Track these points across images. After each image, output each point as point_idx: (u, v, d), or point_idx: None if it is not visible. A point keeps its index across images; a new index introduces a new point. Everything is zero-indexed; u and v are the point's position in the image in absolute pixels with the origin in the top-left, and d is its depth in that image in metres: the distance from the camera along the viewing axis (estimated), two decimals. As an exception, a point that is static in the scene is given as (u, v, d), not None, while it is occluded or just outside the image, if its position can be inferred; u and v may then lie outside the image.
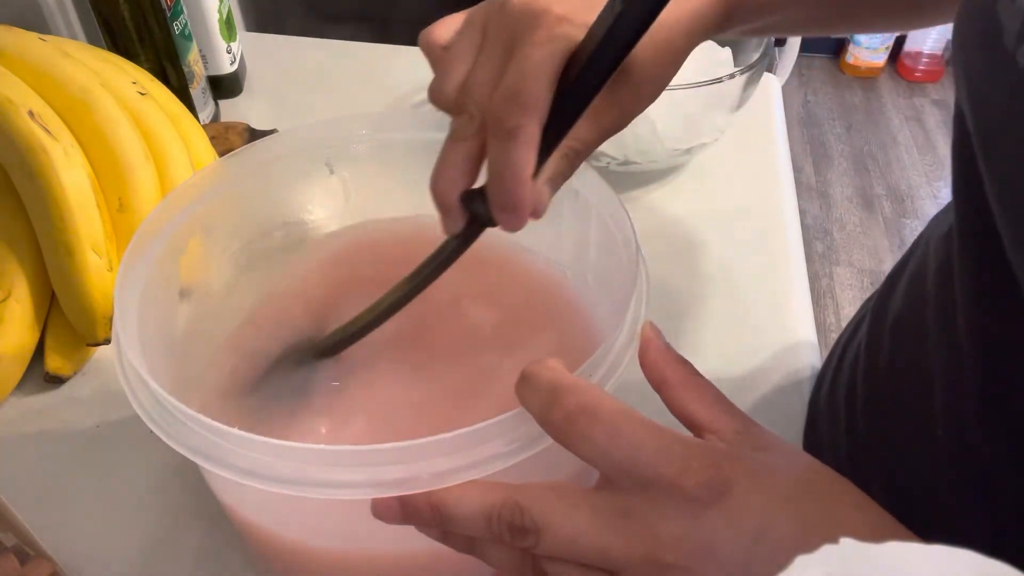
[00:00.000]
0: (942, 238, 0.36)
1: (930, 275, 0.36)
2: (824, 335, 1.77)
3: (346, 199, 0.45)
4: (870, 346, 0.42)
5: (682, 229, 0.60)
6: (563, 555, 0.25)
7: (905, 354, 0.38)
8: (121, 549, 0.41)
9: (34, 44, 0.50)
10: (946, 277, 0.34)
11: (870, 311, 0.45)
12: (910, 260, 0.42)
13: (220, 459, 0.27)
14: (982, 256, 0.30)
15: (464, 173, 0.31)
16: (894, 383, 0.39)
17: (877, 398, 0.40)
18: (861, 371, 0.42)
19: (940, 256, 0.36)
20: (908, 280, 0.40)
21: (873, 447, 0.40)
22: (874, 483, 0.37)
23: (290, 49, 0.83)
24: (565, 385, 0.26)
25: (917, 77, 2.54)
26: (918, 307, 0.37)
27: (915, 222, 2.06)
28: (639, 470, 0.25)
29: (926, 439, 0.34)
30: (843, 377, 0.45)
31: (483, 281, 0.44)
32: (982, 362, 0.31)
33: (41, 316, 0.49)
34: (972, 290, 0.31)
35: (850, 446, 0.42)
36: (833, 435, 0.44)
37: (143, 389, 0.30)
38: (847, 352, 0.46)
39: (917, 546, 0.16)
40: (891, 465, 0.37)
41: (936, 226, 0.40)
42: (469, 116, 0.30)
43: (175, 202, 0.37)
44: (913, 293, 0.39)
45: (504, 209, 0.30)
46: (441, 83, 0.31)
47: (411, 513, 0.27)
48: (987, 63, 0.27)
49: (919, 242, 0.43)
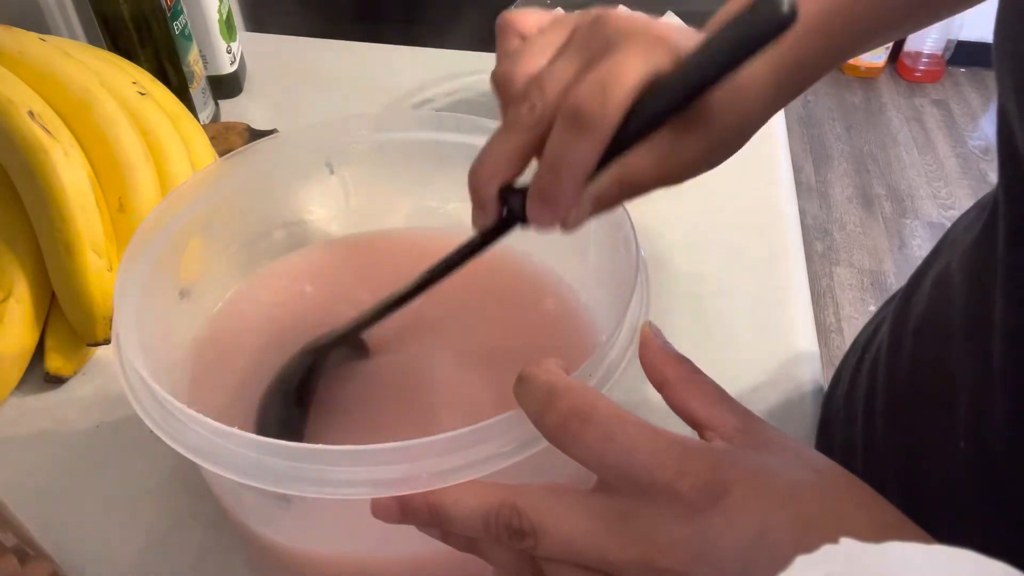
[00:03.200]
0: (972, 242, 0.35)
1: (956, 279, 0.36)
2: (824, 335, 1.77)
3: (346, 199, 0.45)
4: (891, 349, 0.42)
5: (682, 229, 0.60)
6: (560, 557, 0.25)
7: (928, 358, 0.38)
8: (121, 549, 0.41)
9: (34, 44, 0.50)
10: (978, 282, 0.33)
11: (891, 314, 0.45)
12: (934, 263, 0.41)
13: (219, 458, 0.27)
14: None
15: (510, 165, 0.30)
16: (915, 387, 0.38)
17: (897, 402, 0.40)
18: (881, 374, 0.42)
19: (971, 261, 0.35)
20: (932, 283, 0.40)
21: (891, 450, 0.39)
22: (890, 486, 0.37)
23: (290, 49, 0.83)
24: (560, 387, 0.26)
25: (917, 77, 2.54)
26: (943, 311, 0.36)
27: (915, 222, 2.06)
28: (634, 474, 0.24)
29: (947, 445, 0.34)
30: (862, 379, 0.44)
31: (482, 281, 0.44)
32: (1016, 368, 0.30)
33: (41, 316, 0.49)
34: (1016, 298, 0.30)
35: (866, 449, 0.41)
36: (847, 437, 0.43)
37: (143, 389, 0.30)
38: (866, 354, 0.46)
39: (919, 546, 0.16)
40: (909, 468, 0.37)
41: (962, 228, 0.39)
42: (531, 106, 0.28)
43: (175, 202, 0.37)
44: (938, 297, 0.38)
45: (545, 200, 0.28)
46: (511, 69, 0.30)
47: (409, 513, 0.27)
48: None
49: (942, 245, 0.42)
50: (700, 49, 0.26)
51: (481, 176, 0.30)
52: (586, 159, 0.27)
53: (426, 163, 0.44)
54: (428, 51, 0.81)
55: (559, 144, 0.27)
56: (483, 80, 0.76)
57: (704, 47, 0.26)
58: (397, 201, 0.45)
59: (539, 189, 0.29)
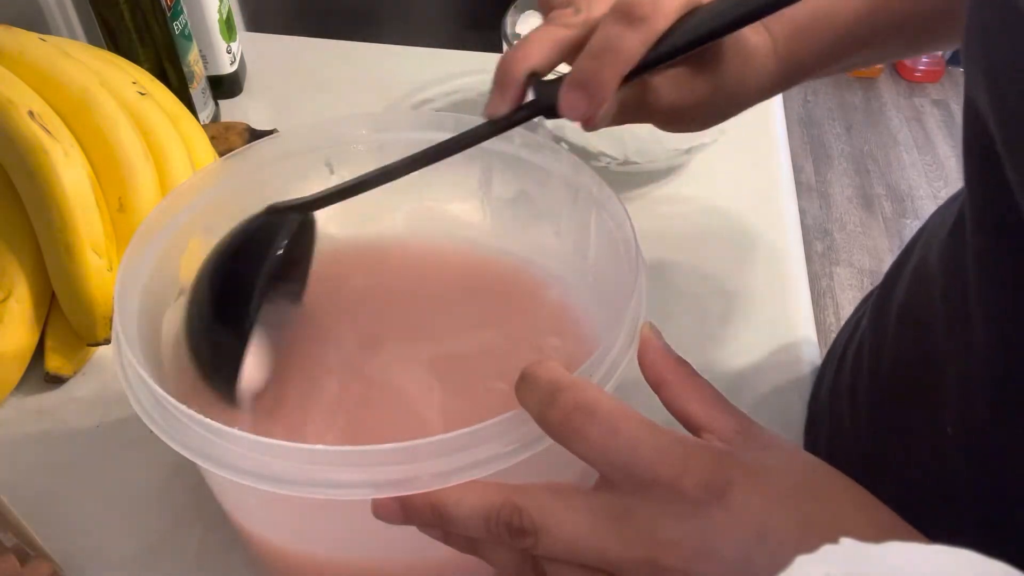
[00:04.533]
0: (948, 234, 0.36)
1: (935, 269, 0.36)
2: (824, 335, 1.77)
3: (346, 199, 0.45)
4: (873, 342, 0.42)
5: (682, 229, 0.60)
6: (562, 556, 0.25)
7: (910, 348, 0.38)
8: (121, 549, 0.41)
9: (34, 44, 0.50)
10: (956, 271, 0.34)
11: (870, 308, 0.45)
12: (911, 256, 0.42)
13: (220, 459, 0.27)
14: (999, 248, 0.30)
15: (543, 54, 0.30)
16: (899, 378, 0.39)
17: (882, 393, 0.40)
18: (865, 368, 0.42)
19: (947, 251, 0.36)
20: (911, 275, 0.40)
21: (878, 442, 0.39)
22: (881, 477, 0.37)
23: (290, 49, 0.83)
24: (563, 384, 0.26)
25: (917, 77, 2.54)
26: (923, 303, 0.37)
27: (915, 222, 2.06)
28: (637, 470, 0.25)
29: (934, 432, 0.34)
30: (845, 375, 0.45)
31: (482, 282, 0.44)
32: (997, 352, 0.30)
33: (41, 316, 0.49)
34: (989, 282, 0.31)
35: (853, 444, 0.41)
36: (834, 434, 0.44)
37: (143, 389, 0.30)
38: (847, 350, 0.46)
39: (918, 546, 0.16)
40: (899, 459, 0.37)
41: (937, 222, 0.39)
42: (576, 9, 0.30)
43: (175, 202, 0.37)
44: (917, 288, 0.39)
45: (583, 86, 0.29)
46: None
47: (411, 513, 0.27)
48: (1012, 46, 0.27)
49: (918, 239, 0.43)
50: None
51: (514, 58, 0.30)
52: (632, 51, 0.28)
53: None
54: (428, 51, 0.81)
55: (608, 34, 0.28)
56: (483, 80, 0.76)
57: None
58: (397, 201, 0.45)
59: (580, 74, 0.29)
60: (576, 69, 0.29)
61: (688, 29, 0.30)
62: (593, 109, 0.29)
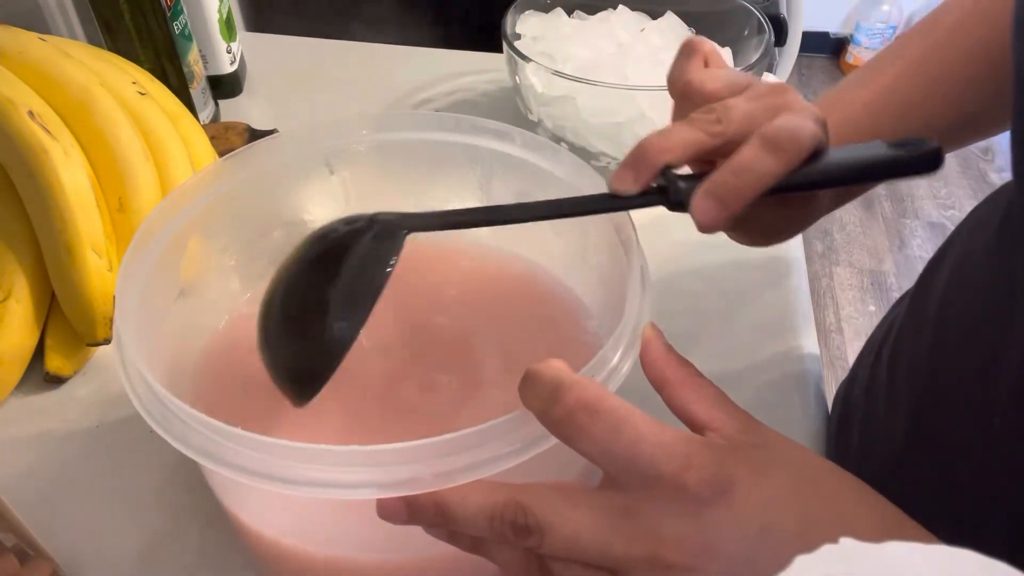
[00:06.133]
0: (997, 226, 0.37)
1: (979, 260, 0.37)
2: (824, 335, 1.77)
3: (346, 199, 0.45)
4: (912, 337, 0.43)
5: (683, 229, 0.60)
6: (566, 554, 0.25)
7: (953, 339, 0.39)
8: (121, 549, 0.41)
9: (34, 44, 0.50)
10: (1002, 263, 0.35)
11: (906, 307, 0.46)
12: (947, 254, 0.43)
13: (222, 458, 0.27)
14: None
15: (681, 150, 0.31)
16: (941, 372, 0.39)
17: (923, 386, 0.40)
18: (903, 366, 0.43)
19: (994, 242, 0.37)
20: (951, 270, 0.41)
21: (918, 439, 0.40)
22: (920, 475, 0.37)
23: (290, 49, 0.83)
24: (567, 382, 0.26)
25: (917, 77, 2.54)
26: (967, 293, 0.38)
27: (915, 222, 2.06)
28: (640, 467, 0.25)
29: (980, 424, 0.34)
30: (881, 371, 0.45)
31: (483, 283, 0.44)
32: None
33: (41, 316, 0.49)
34: None
35: (890, 441, 0.42)
36: (868, 432, 0.44)
37: (145, 388, 0.30)
38: (883, 349, 0.47)
39: (919, 546, 0.16)
40: (942, 458, 0.37)
41: (982, 215, 0.40)
42: (717, 119, 0.31)
43: (175, 202, 0.37)
44: (959, 282, 0.40)
45: (717, 196, 0.30)
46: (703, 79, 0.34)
47: (416, 513, 0.27)
48: None
49: (953, 239, 0.44)
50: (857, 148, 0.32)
51: (655, 145, 0.32)
52: (769, 177, 0.30)
53: (426, 163, 0.44)
54: (428, 51, 0.81)
55: (752, 156, 0.30)
56: (483, 80, 0.77)
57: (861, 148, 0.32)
58: (397, 201, 0.45)
59: (718, 187, 0.30)
60: (715, 181, 0.30)
61: (818, 170, 0.31)
62: (722, 218, 0.31)
